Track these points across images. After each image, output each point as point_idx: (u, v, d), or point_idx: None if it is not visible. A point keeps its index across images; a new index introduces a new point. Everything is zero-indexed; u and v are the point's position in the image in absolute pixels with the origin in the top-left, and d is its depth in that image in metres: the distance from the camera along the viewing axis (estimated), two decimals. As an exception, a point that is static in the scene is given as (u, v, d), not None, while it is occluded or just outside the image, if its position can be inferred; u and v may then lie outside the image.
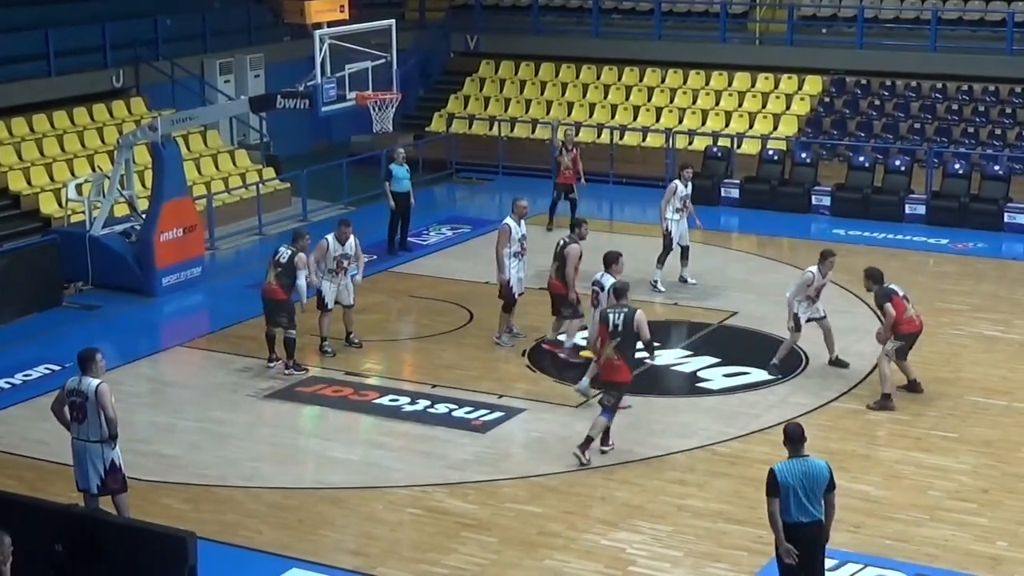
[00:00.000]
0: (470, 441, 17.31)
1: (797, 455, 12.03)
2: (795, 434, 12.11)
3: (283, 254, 19.55)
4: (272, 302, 19.61)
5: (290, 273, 19.33)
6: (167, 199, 23.90)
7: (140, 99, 30.43)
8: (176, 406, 18.91)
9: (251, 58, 33.44)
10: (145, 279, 23.75)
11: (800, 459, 12.00)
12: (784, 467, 11.97)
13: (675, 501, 15.51)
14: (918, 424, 17.76)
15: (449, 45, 37.86)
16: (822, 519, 11.99)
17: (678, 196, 23.36)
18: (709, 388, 19.18)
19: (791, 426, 12.26)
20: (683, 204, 23.40)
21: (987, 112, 31.46)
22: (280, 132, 32.77)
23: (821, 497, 11.95)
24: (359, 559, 14.34)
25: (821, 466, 11.96)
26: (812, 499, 11.90)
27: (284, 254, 19.52)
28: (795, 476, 11.89)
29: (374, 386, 19.39)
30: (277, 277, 19.44)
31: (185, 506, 15.54)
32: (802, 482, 11.86)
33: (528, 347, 20.68)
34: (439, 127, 34.95)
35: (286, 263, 19.40)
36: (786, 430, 12.22)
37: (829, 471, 11.96)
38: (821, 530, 12.04)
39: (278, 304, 19.55)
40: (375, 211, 27.51)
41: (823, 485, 11.92)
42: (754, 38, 35.19)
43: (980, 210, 27.48)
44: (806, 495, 11.87)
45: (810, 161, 30.17)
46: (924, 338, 20.39)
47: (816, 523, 11.95)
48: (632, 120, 33.73)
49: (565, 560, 14.23)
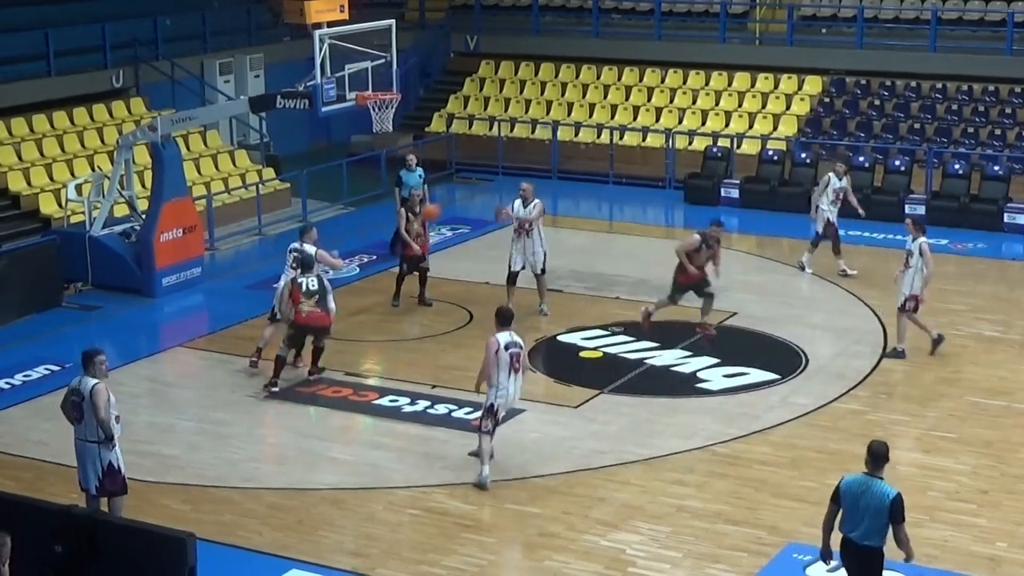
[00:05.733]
0: (470, 442, 17.29)
1: (868, 472, 11.87)
2: (875, 452, 11.93)
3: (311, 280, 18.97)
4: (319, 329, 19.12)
5: (324, 297, 18.91)
6: (167, 199, 23.89)
7: (140, 99, 30.43)
8: (176, 406, 18.91)
9: (251, 58, 33.44)
10: (145, 279, 23.74)
11: (867, 477, 11.84)
12: (850, 479, 11.91)
13: (675, 502, 15.51)
14: (918, 425, 17.77)
15: (449, 45, 37.84)
16: (871, 544, 11.79)
17: (831, 188, 24.20)
18: (709, 389, 19.17)
19: (874, 443, 12.04)
20: (836, 196, 24.21)
21: (987, 112, 31.45)
22: (280, 132, 32.77)
23: (878, 522, 11.72)
24: (359, 560, 14.34)
25: (884, 493, 11.71)
26: (862, 519, 11.77)
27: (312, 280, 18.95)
28: (853, 491, 11.82)
29: (374, 387, 19.40)
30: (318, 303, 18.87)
31: (184, 506, 15.54)
32: (857, 499, 11.78)
33: (528, 348, 20.65)
34: (439, 127, 34.94)
35: (318, 289, 18.88)
36: (869, 446, 12.02)
37: (892, 503, 11.66)
38: (869, 554, 11.83)
39: (326, 330, 19.23)
40: (374, 211, 27.50)
41: (880, 511, 11.68)
42: (754, 38, 35.17)
43: (980, 210, 27.48)
44: (858, 513, 11.79)
45: (810, 161, 30.16)
46: (924, 338, 20.44)
47: (863, 546, 11.81)
48: (632, 120, 33.72)
49: (564, 561, 14.23)
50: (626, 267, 25.01)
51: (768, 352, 20.48)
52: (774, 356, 20.30)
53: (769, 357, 20.23)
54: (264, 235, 27.87)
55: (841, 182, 24.25)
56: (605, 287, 23.69)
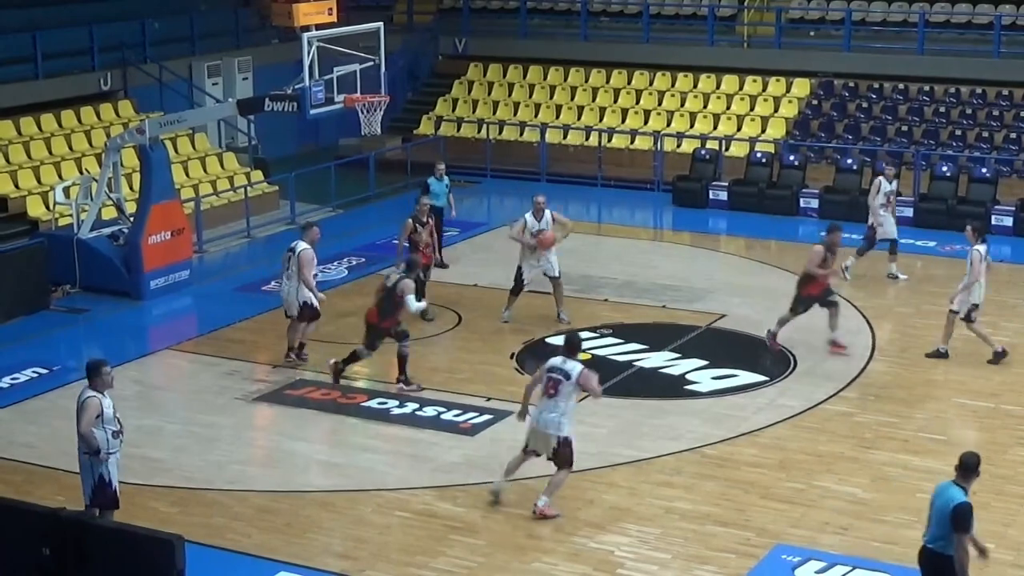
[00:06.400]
0: (459, 444, 17.32)
1: (953, 479, 11.85)
2: (963, 461, 11.88)
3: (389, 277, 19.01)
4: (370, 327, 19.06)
5: (391, 298, 18.77)
6: (155, 202, 23.87)
7: (128, 102, 30.39)
8: (163, 409, 18.88)
9: (239, 61, 33.42)
10: (133, 282, 23.71)
11: (949, 483, 11.84)
12: (938, 485, 11.98)
13: (663, 504, 15.51)
14: (906, 426, 17.80)
15: (437, 48, 37.85)
16: (936, 549, 11.75)
17: (883, 192, 24.01)
18: (697, 391, 19.19)
19: (965, 453, 12.00)
20: (887, 199, 24.01)
21: (974, 115, 31.51)
22: (268, 135, 32.75)
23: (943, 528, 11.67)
24: (347, 562, 14.33)
25: (950, 497, 11.66)
26: (932, 523, 11.81)
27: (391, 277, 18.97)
28: (934, 495, 11.87)
29: (362, 389, 19.39)
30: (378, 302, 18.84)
31: (173, 509, 15.52)
32: (933, 503, 11.84)
33: (516, 349, 20.69)
34: (427, 130, 34.94)
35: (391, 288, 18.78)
36: (961, 455, 11.99)
37: (954, 509, 11.58)
38: (935, 559, 11.78)
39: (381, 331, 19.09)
40: (362, 214, 27.47)
41: (944, 517, 11.66)
42: (742, 41, 35.21)
43: (967, 212, 27.49)
44: (931, 516, 11.85)
45: (798, 164, 30.23)
46: (913, 341, 20.48)
47: (930, 550, 11.80)
48: (620, 123, 33.75)
49: (553, 563, 14.23)
50: (614, 269, 25.03)
51: (756, 354, 20.48)
52: (762, 358, 20.32)
53: (757, 359, 20.24)
54: (252, 238, 27.85)
55: (892, 185, 24.20)
56: (593, 289, 23.70)
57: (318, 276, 20.85)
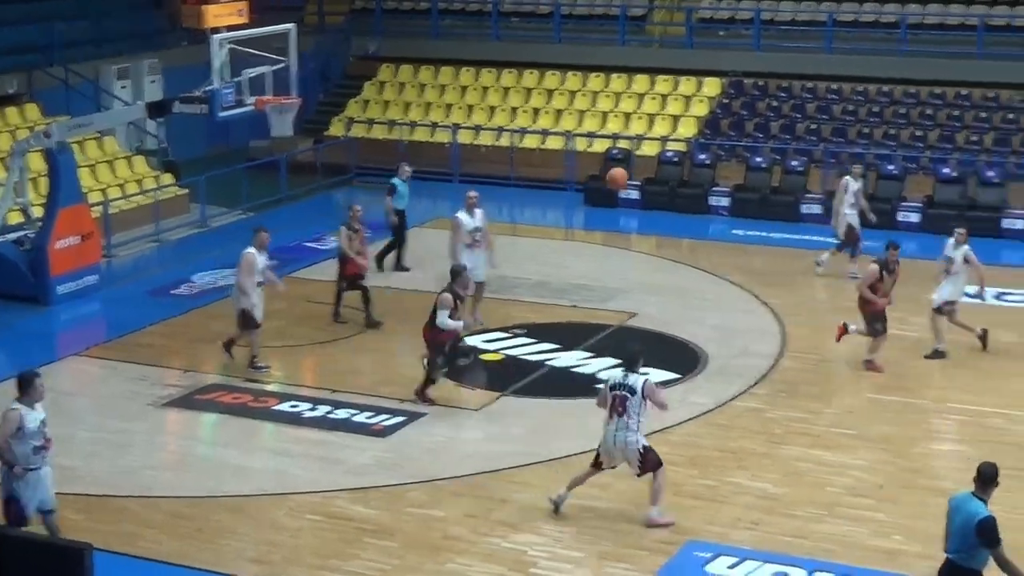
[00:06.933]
0: (371, 446, 17.26)
1: (973, 491, 11.66)
2: (981, 472, 11.68)
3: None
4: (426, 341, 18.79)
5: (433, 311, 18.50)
6: (62, 206, 23.59)
7: (34, 105, 30.01)
8: (73, 416, 18.58)
9: (148, 63, 33.13)
10: (39, 287, 23.40)
11: (968, 495, 11.65)
12: (955, 497, 11.83)
13: (577, 503, 15.50)
14: (817, 422, 17.96)
15: (349, 49, 37.73)
16: (960, 563, 11.56)
17: (851, 191, 24.20)
18: (610, 389, 19.20)
19: (983, 464, 11.78)
20: (855, 198, 24.26)
21: (881, 112, 31.86)
22: (178, 138, 32.44)
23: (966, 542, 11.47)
24: (261, 567, 14.23)
25: (974, 512, 11.45)
26: (951, 535, 11.66)
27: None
28: (952, 508, 11.72)
29: (273, 392, 19.26)
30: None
31: (80, 516, 15.28)
32: (952, 515, 11.70)
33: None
34: (338, 131, 34.78)
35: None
36: (979, 466, 11.78)
37: (979, 524, 11.32)
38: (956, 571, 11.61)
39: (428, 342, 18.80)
40: (273, 216, 27.29)
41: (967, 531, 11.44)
42: (653, 41, 35.40)
43: (875, 209, 27.74)
44: (950, 528, 11.69)
45: (709, 162, 30.45)
46: (824, 338, 20.65)
47: (952, 563, 11.63)
48: (532, 123, 33.79)
49: (467, 564, 14.22)
50: (528, 269, 25.04)
51: (667, 352, 20.56)
52: (673, 356, 20.39)
53: (668, 357, 20.30)
54: (162, 241, 27.62)
55: (858, 183, 24.45)
56: (506, 289, 23.67)
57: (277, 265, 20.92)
